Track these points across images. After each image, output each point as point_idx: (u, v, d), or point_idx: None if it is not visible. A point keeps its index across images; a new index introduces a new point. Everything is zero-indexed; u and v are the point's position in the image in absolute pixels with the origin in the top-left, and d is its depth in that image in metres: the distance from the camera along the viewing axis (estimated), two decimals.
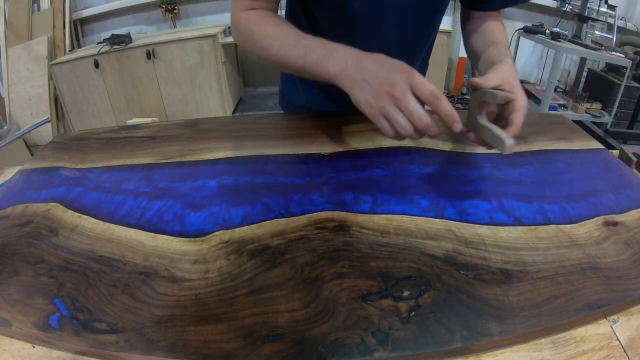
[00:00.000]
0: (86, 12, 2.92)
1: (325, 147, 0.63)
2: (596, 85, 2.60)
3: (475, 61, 0.65)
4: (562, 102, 2.52)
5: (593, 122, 2.20)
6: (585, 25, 2.78)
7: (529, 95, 2.66)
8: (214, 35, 2.58)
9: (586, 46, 2.39)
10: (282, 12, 0.70)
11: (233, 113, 2.95)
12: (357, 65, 0.46)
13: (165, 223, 0.48)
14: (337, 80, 0.48)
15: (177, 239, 0.45)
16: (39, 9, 2.72)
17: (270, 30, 0.54)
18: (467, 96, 3.25)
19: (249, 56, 3.27)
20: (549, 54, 3.02)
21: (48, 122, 0.83)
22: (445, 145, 0.64)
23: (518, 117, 0.45)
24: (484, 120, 0.47)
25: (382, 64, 0.45)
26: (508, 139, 0.42)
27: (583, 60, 2.92)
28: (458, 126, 0.44)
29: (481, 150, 0.63)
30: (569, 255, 0.42)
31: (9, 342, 0.36)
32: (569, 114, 2.42)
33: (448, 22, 3.18)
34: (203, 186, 0.54)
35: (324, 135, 0.67)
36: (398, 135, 0.45)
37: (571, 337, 0.35)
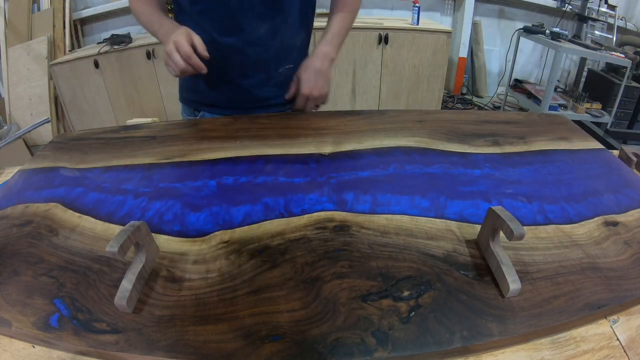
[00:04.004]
0: (86, 12, 2.91)
1: (325, 147, 0.63)
2: (596, 85, 2.60)
3: None
4: (562, 102, 2.52)
5: (593, 122, 2.20)
6: (585, 25, 2.78)
7: (530, 95, 2.66)
8: None
9: (586, 46, 2.39)
10: None
11: None
12: (168, 34, 0.73)
13: (165, 223, 0.48)
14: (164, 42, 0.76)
15: (177, 239, 0.45)
16: (39, 9, 2.72)
17: (141, 8, 0.84)
18: (467, 96, 3.25)
19: None
20: (549, 54, 3.02)
21: (48, 122, 0.83)
22: (445, 146, 0.64)
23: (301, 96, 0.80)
24: (496, 248, 0.41)
25: (175, 32, 0.72)
26: (514, 284, 0.37)
27: (583, 60, 2.92)
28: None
29: (481, 150, 0.63)
30: (569, 255, 0.42)
31: (9, 342, 0.36)
32: (569, 114, 2.42)
33: (448, 22, 3.18)
34: (203, 186, 0.54)
35: (324, 135, 0.67)
36: (175, 70, 0.71)
37: (571, 337, 0.35)
